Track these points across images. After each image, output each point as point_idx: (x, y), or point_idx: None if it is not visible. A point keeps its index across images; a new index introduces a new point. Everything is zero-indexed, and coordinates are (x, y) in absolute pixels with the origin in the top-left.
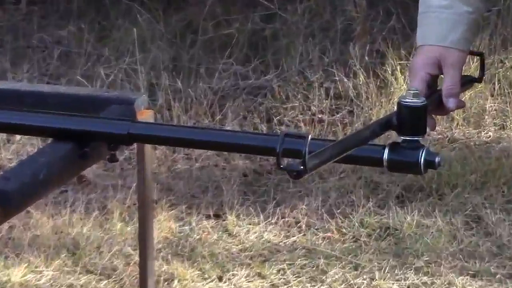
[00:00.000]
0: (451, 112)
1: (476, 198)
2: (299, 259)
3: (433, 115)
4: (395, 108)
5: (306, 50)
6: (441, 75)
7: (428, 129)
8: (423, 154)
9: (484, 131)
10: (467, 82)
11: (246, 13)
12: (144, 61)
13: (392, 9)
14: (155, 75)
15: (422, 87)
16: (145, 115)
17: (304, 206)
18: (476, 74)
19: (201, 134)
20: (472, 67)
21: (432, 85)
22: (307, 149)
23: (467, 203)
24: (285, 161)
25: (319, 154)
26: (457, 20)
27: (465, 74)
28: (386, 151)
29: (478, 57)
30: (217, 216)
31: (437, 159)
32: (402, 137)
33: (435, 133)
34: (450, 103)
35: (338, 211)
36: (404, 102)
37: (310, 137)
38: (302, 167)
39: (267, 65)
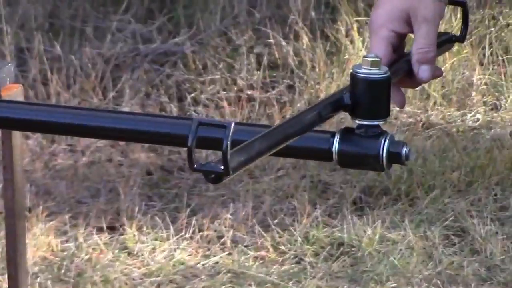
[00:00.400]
0: (424, 85)
1: (459, 203)
2: (223, 287)
3: (401, 88)
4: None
5: (230, 2)
6: (411, 33)
7: (394, 107)
8: (386, 144)
9: (470, 113)
10: (445, 41)
11: None
12: (10, 18)
13: None
14: (25, 36)
15: (385, 50)
16: (12, 91)
17: (229, 216)
18: (458, 31)
19: (88, 118)
20: (453, 23)
21: (398, 47)
22: (229, 142)
23: (447, 211)
24: (204, 154)
25: (246, 148)
26: None
27: (443, 31)
28: (336, 140)
29: (459, 8)
30: (112, 228)
31: (404, 151)
32: (357, 121)
33: (404, 114)
34: (423, 71)
35: (275, 221)
36: (360, 73)
37: (233, 125)
38: (222, 167)
39: (177, 22)
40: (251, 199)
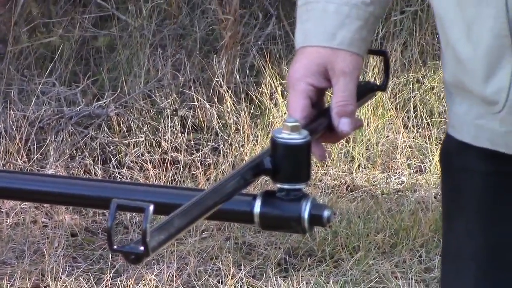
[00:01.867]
0: (349, 147)
1: (384, 265)
2: None
3: (322, 143)
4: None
5: (154, 65)
6: (330, 88)
7: (318, 170)
8: (307, 207)
9: (394, 176)
10: (367, 91)
11: (72, 15)
12: None
13: (270, 9)
14: None
15: (302, 104)
16: None
17: (153, 277)
18: (379, 81)
19: (13, 180)
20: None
21: (317, 102)
22: (148, 225)
23: (371, 272)
24: (129, 222)
25: (166, 226)
26: (349, 13)
27: (365, 80)
28: (258, 203)
29: (380, 58)
30: None
31: (325, 213)
32: (278, 185)
33: (328, 177)
34: (343, 124)
35: (200, 282)
36: (280, 138)
37: (151, 208)
38: (142, 248)
39: (102, 86)
40: (176, 260)
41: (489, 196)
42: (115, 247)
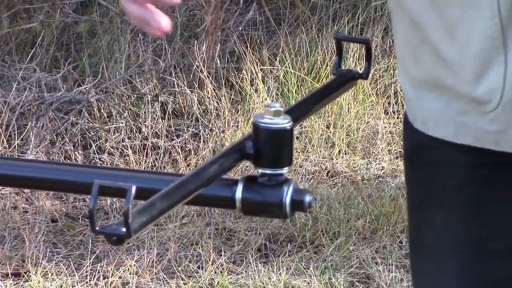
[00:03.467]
0: (329, 133)
1: (364, 251)
2: None
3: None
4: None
5: (135, 51)
6: None
7: (299, 156)
8: (289, 192)
9: (375, 162)
10: (347, 80)
11: (53, 0)
12: None
13: None
14: None
15: None
16: None
17: (134, 262)
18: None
19: None
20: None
21: None
22: (130, 206)
23: (352, 258)
24: (109, 208)
25: (147, 208)
26: None
27: (346, 68)
28: (239, 188)
29: (363, 46)
30: (17, 275)
31: (307, 199)
32: (260, 170)
33: (309, 162)
34: None
35: (180, 268)
36: (262, 123)
37: (134, 189)
38: (124, 229)
39: (82, 71)
40: (156, 246)
41: (470, 188)
42: (97, 228)
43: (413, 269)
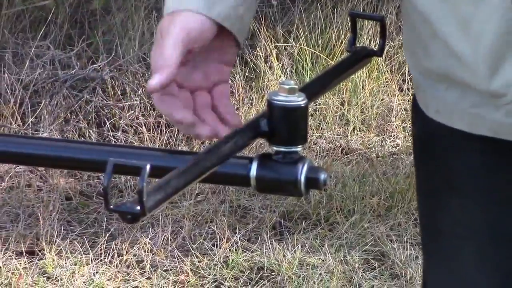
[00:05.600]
0: (343, 110)
1: (379, 228)
2: None
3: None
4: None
5: (149, 28)
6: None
7: (313, 133)
8: (303, 170)
9: (390, 139)
10: (362, 57)
11: None
12: None
13: None
14: None
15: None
16: None
17: (148, 240)
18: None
19: (8, 144)
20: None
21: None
22: (144, 184)
23: (367, 235)
24: (124, 186)
25: (162, 185)
26: None
27: (361, 46)
28: (254, 166)
29: (378, 23)
30: (31, 253)
31: (322, 176)
32: (275, 148)
33: (323, 140)
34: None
35: (194, 246)
36: (277, 101)
37: (148, 167)
38: (139, 207)
39: (96, 49)
40: (170, 224)
41: (487, 174)
42: (111, 206)
43: (427, 253)
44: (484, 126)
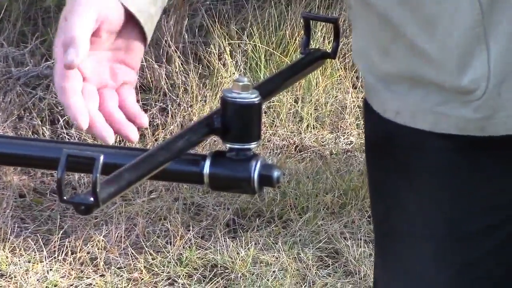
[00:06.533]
0: (297, 107)
1: (332, 225)
2: None
3: None
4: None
5: None
6: None
7: (267, 131)
8: (257, 167)
9: (343, 136)
10: (315, 59)
11: None
12: None
13: None
14: None
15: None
16: None
17: (102, 238)
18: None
19: None
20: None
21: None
22: (98, 175)
23: (320, 233)
24: (77, 179)
25: (116, 178)
26: None
27: (314, 48)
28: (207, 163)
29: (330, 25)
30: None
31: (275, 174)
32: (228, 145)
33: (277, 137)
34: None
35: (148, 243)
36: (230, 97)
37: (102, 158)
38: (92, 198)
39: (50, 46)
40: (124, 221)
41: (447, 171)
42: (65, 197)
43: (381, 252)
44: (450, 123)
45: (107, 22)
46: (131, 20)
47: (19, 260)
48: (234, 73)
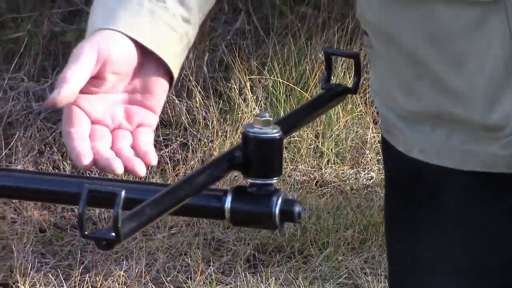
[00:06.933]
0: (318, 143)
1: (353, 261)
2: None
3: None
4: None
5: None
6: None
7: (288, 166)
8: (278, 202)
9: (364, 171)
10: (336, 94)
11: (41, 10)
12: None
13: (239, 5)
14: None
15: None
16: None
17: (122, 273)
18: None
19: None
20: (341, 68)
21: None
22: (119, 210)
23: (341, 268)
24: (97, 214)
25: (137, 213)
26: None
27: (336, 83)
28: (229, 198)
29: (351, 60)
30: (5, 285)
31: (296, 209)
32: (249, 180)
33: (298, 172)
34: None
35: (168, 279)
36: (252, 133)
37: (123, 193)
38: (113, 234)
39: None
40: (144, 256)
41: (474, 208)
42: (86, 232)
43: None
44: (477, 161)
45: (111, 63)
46: (153, 60)
47: None
48: (254, 108)
